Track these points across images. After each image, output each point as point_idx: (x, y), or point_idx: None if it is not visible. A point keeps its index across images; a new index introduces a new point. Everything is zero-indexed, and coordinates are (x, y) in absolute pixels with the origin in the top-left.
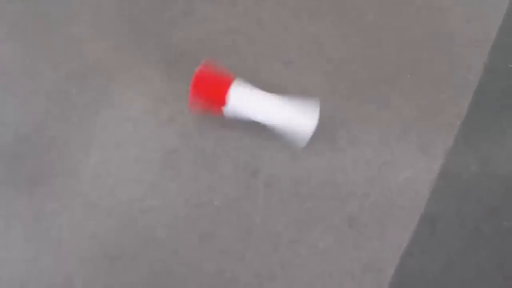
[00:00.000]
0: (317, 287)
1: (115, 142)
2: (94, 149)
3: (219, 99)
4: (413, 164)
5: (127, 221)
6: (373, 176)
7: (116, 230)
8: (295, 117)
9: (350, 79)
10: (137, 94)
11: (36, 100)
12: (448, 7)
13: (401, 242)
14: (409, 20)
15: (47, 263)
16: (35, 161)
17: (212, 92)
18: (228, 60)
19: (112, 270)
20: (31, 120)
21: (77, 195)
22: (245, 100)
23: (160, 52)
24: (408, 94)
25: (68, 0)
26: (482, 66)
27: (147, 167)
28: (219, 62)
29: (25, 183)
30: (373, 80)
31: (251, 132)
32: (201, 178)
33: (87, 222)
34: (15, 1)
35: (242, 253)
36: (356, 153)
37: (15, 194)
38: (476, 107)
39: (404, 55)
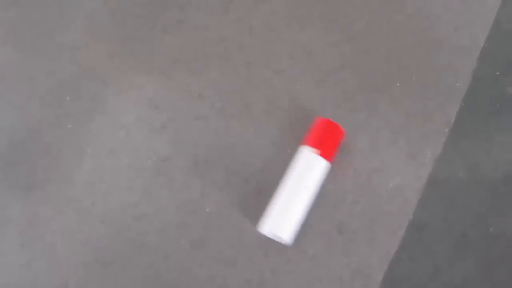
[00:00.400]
0: None
1: (108, 149)
2: (87, 155)
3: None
4: (402, 171)
5: (119, 227)
6: (363, 183)
7: (109, 236)
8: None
9: (340, 87)
10: (130, 101)
11: (31, 107)
12: (436, 15)
13: (390, 248)
14: (398, 28)
15: (41, 268)
16: (29, 167)
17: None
18: (220, 68)
19: (105, 275)
20: (25, 126)
21: (70, 201)
22: None
23: (154, 60)
24: (397, 101)
25: (62, 7)
26: (471, 73)
27: (140, 174)
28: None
29: (19, 189)
30: (363, 88)
31: (243, 139)
32: (193, 185)
33: (81, 228)
34: (10, 7)
35: (233, 259)
36: (346, 160)
37: (9, 200)
38: (464, 115)
39: (393, 63)
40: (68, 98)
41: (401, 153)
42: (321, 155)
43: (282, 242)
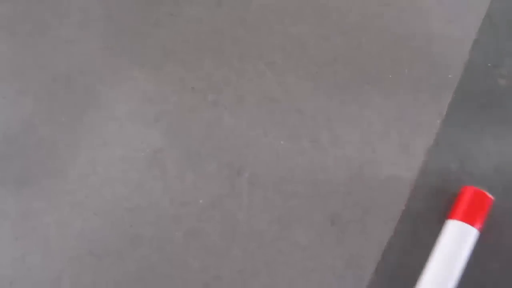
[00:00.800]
0: (299, 283)
1: (102, 142)
2: (81, 149)
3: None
4: (394, 163)
5: (113, 220)
6: (355, 174)
7: (102, 228)
8: None
9: (333, 79)
10: (124, 95)
11: (24, 101)
12: (429, 8)
13: (382, 238)
14: (390, 21)
15: (35, 261)
16: (23, 161)
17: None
18: (213, 61)
19: (99, 267)
20: (19, 121)
21: (64, 194)
22: None
23: (147, 53)
24: (389, 93)
25: (56, 2)
26: (462, 65)
27: (133, 166)
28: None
29: (13, 183)
30: (355, 80)
31: (236, 131)
32: (186, 177)
33: (74, 220)
34: (3, 2)
35: (226, 250)
36: (338, 152)
37: (3, 193)
38: (456, 106)
39: (386, 55)
40: (61, 92)
41: (393, 144)
42: (471, 225)
43: None
